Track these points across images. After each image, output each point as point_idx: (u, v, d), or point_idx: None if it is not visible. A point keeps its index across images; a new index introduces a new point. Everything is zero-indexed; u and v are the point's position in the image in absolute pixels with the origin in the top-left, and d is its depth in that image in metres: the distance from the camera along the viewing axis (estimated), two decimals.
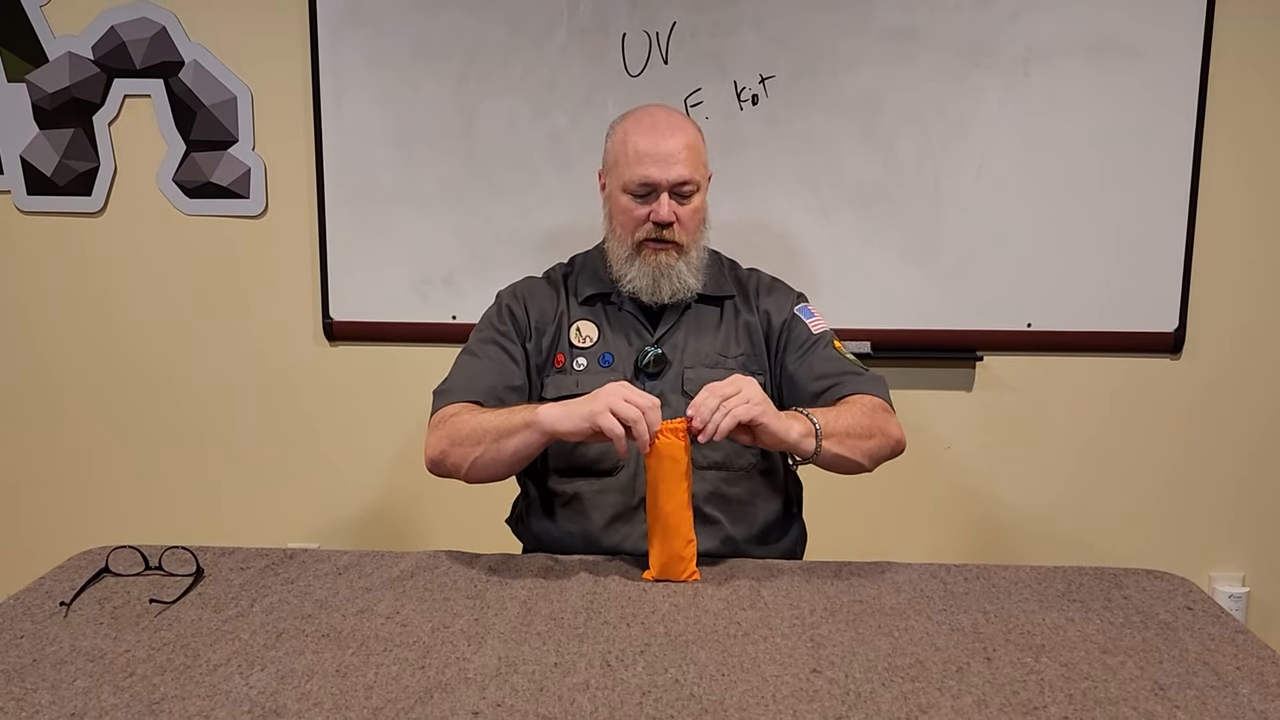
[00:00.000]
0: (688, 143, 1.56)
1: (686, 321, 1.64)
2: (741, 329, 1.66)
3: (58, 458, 2.56)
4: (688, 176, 1.55)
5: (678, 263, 1.59)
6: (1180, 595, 1.33)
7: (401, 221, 2.38)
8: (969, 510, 2.46)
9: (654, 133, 1.55)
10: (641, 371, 1.60)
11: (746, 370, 1.62)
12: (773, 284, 1.73)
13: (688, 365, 1.60)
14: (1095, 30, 2.24)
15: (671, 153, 1.54)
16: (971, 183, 2.30)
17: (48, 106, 2.39)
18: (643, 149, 1.54)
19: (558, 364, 1.63)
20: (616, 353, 1.62)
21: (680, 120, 1.60)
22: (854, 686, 1.06)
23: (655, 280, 1.59)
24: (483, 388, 1.56)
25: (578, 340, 1.63)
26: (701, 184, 1.60)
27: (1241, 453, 2.41)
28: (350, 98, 2.35)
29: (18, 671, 1.09)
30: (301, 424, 2.50)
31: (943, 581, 1.36)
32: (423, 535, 2.49)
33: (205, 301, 2.47)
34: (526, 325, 1.64)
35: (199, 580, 1.35)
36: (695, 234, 1.60)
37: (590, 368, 1.61)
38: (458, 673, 1.09)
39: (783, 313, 1.67)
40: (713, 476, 1.57)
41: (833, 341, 1.66)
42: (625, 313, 1.64)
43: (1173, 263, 2.31)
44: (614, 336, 1.63)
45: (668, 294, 1.60)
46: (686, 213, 1.57)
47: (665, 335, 1.63)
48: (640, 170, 1.54)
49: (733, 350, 1.64)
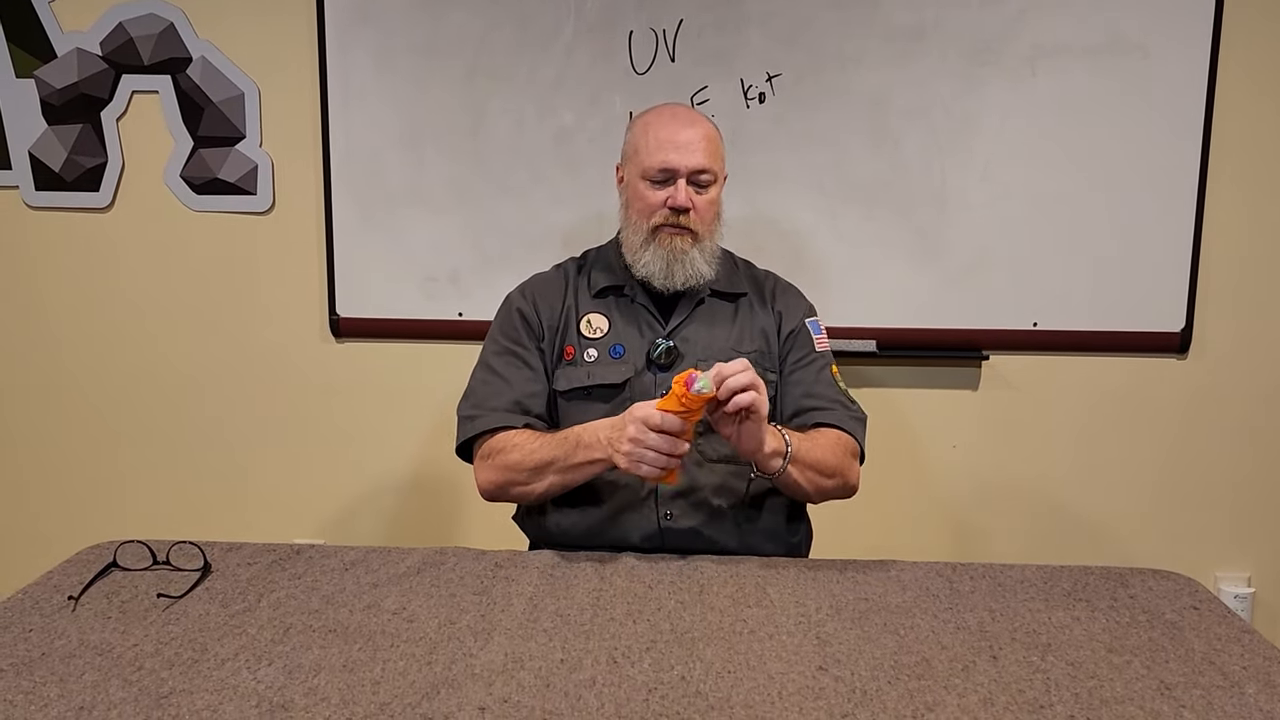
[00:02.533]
0: (707, 134, 1.60)
1: (700, 315, 1.65)
2: (756, 326, 1.67)
3: (64, 452, 2.56)
4: (706, 165, 1.57)
5: (692, 249, 1.60)
6: (1186, 595, 1.33)
7: (408, 219, 2.38)
8: (975, 509, 2.46)
9: (674, 122, 1.59)
10: (653, 363, 1.60)
11: (759, 366, 1.60)
12: (788, 288, 1.75)
13: (700, 359, 1.60)
14: (1102, 29, 2.23)
15: (691, 141, 1.57)
16: (978, 181, 2.30)
17: (56, 102, 2.40)
18: (664, 137, 1.58)
19: (568, 356, 1.63)
20: (628, 344, 1.62)
21: (700, 117, 1.63)
22: (860, 684, 1.06)
23: (669, 264, 1.60)
24: (507, 404, 1.58)
25: (588, 331, 1.63)
26: (719, 177, 1.62)
27: (1247, 453, 2.40)
28: (357, 95, 2.35)
29: (26, 665, 1.09)
30: (308, 420, 2.50)
31: (949, 580, 1.36)
32: (429, 531, 2.49)
33: (212, 297, 2.48)
34: (539, 325, 1.65)
35: (206, 575, 1.35)
36: (710, 224, 1.62)
37: (601, 359, 1.62)
38: (464, 668, 1.09)
39: (793, 319, 1.68)
40: (722, 469, 1.58)
41: (831, 365, 1.67)
42: (638, 304, 1.65)
43: (1179, 262, 2.30)
44: (625, 328, 1.63)
45: (680, 280, 1.60)
46: (703, 202, 1.59)
47: (678, 328, 1.63)
48: (660, 156, 1.57)
49: (746, 346, 1.64)
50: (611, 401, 1.58)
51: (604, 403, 1.59)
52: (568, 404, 1.62)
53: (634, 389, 1.59)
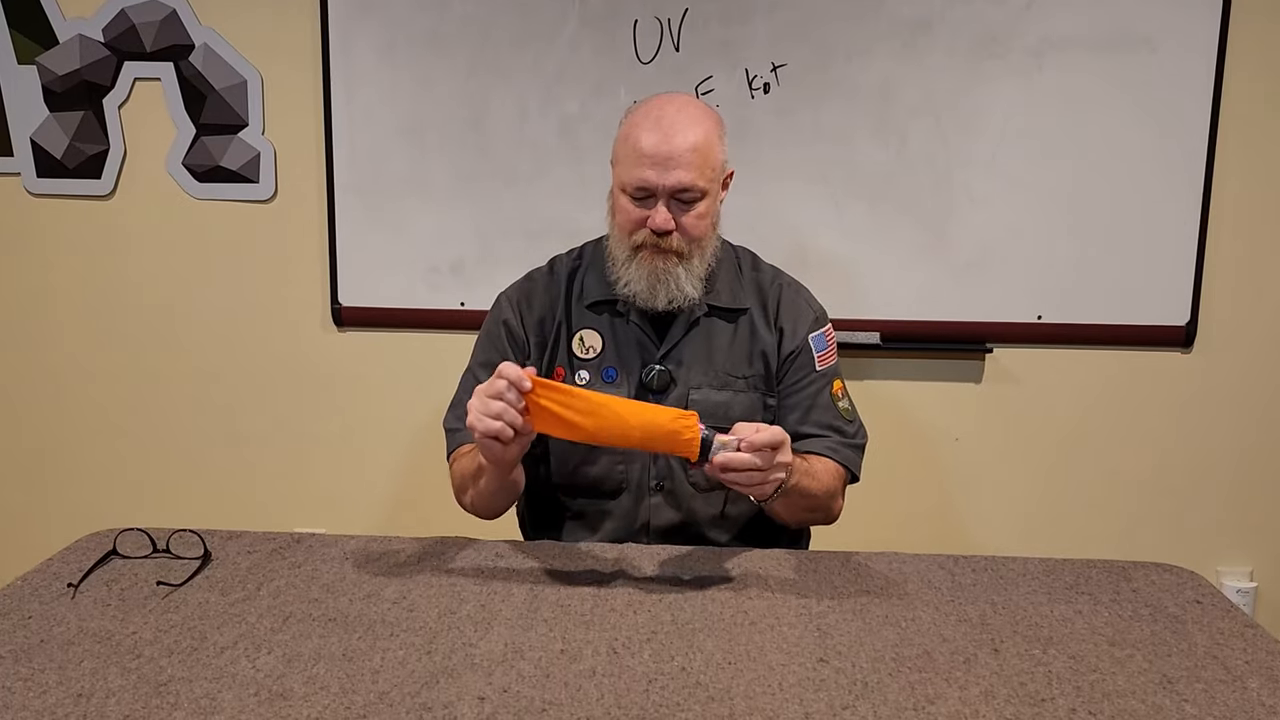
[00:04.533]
0: (695, 144, 1.43)
1: (696, 335, 1.55)
2: (756, 348, 1.57)
3: (65, 440, 2.56)
4: (689, 183, 1.42)
5: (677, 268, 1.47)
6: (1189, 589, 1.32)
7: (411, 208, 2.38)
8: (977, 502, 2.46)
9: (657, 131, 1.43)
10: (645, 388, 1.53)
11: (755, 391, 1.56)
12: (795, 297, 1.61)
13: (694, 385, 1.54)
14: (1109, 22, 2.22)
15: (672, 155, 1.41)
16: (983, 174, 2.29)
17: (58, 89, 2.39)
18: (644, 148, 1.42)
19: (558, 377, 1.55)
20: (621, 366, 1.54)
21: (693, 116, 1.46)
22: (861, 676, 1.06)
23: (652, 285, 1.48)
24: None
25: (580, 351, 1.56)
26: (708, 189, 1.46)
27: (1251, 447, 2.40)
28: (360, 84, 2.34)
29: (25, 652, 1.09)
30: (309, 409, 2.50)
31: (950, 572, 1.36)
32: (430, 520, 2.48)
33: (214, 286, 2.47)
34: (524, 339, 1.58)
35: (206, 563, 1.35)
36: (699, 241, 1.49)
37: (593, 381, 1.54)
38: (464, 658, 1.09)
39: (796, 337, 1.57)
40: (717, 499, 1.55)
41: (833, 383, 1.58)
42: (632, 324, 1.55)
43: (1185, 256, 2.29)
44: (619, 349, 1.55)
45: (664, 300, 1.49)
46: (689, 219, 1.46)
47: (672, 350, 1.54)
48: (638, 173, 1.43)
49: (744, 370, 1.56)
50: None
51: None
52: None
53: None
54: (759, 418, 1.53)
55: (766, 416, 1.56)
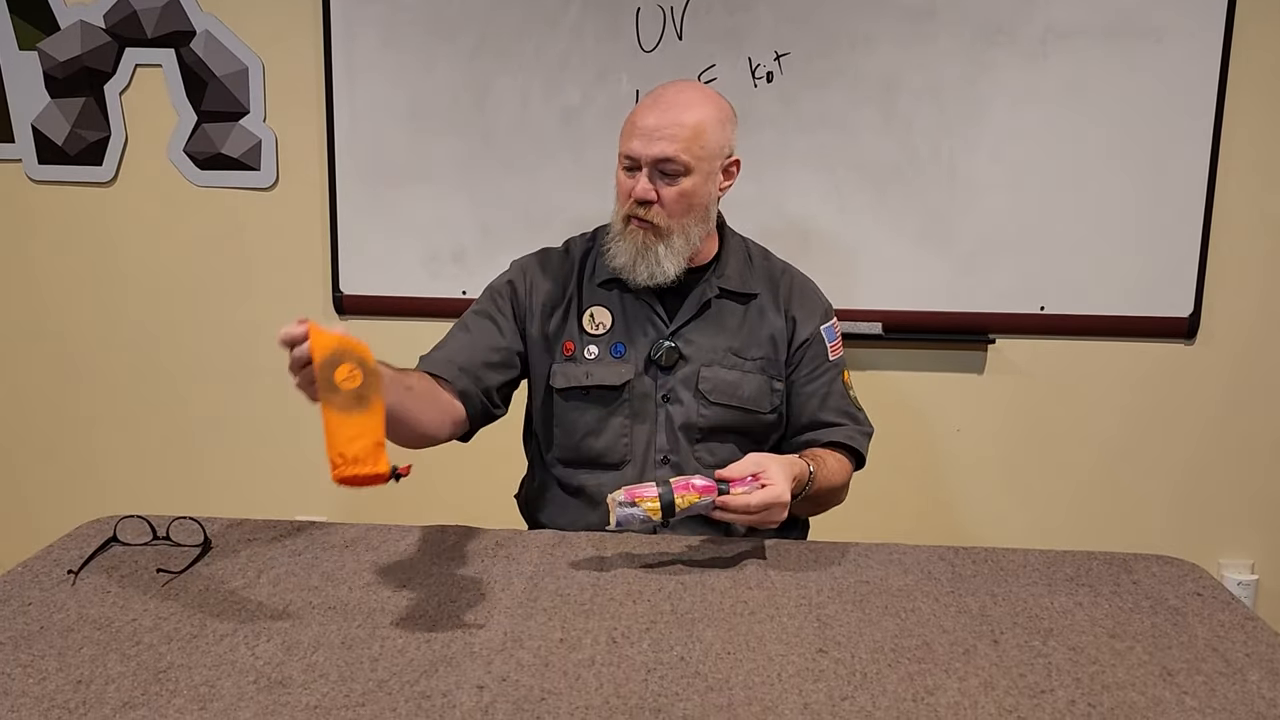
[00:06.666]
0: (684, 120, 1.46)
1: (707, 315, 1.58)
2: (765, 331, 1.59)
3: (66, 427, 2.57)
4: (671, 154, 1.45)
5: (657, 245, 1.50)
6: (1190, 581, 1.32)
7: (412, 196, 2.37)
8: (977, 493, 2.45)
9: (653, 107, 1.48)
10: (654, 364, 1.55)
11: (763, 374, 1.57)
12: (805, 288, 1.65)
13: (703, 363, 1.55)
14: (1115, 11, 2.21)
15: (659, 127, 1.45)
16: (988, 164, 2.28)
17: (59, 75, 2.39)
18: (635, 121, 1.49)
19: (567, 351, 1.58)
20: (630, 342, 1.56)
21: (692, 99, 1.49)
22: (860, 667, 1.06)
23: (634, 259, 1.52)
24: (459, 362, 1.53)
25: (590, 326, 1.58)
26: (693, 165, 1.47)
27: (1254, 440, 2.39)
28: (362, 71, 2.33)
29: (25, 639, 1.09)
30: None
31: (950, 563, 1.36)
32: (430, 510, 2.49)
33: (215, 273, 2.47)
34: (527, 305, 1.60)
35: (206, 551, 1.35)
36: (680, 217, 1.50)
37: (602, 357, 1.56)
38: (463, 646, 1.09)
39: (808, 327, 1.61)
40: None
41: (843, 373, 1.64)
42: (642, 301, 1.57)
43: (1189, 248, 2.28)
44: (629, 325, 1.57)
45: (644, 275, 1.52)
46: (671, 194, 1.48)
47: (682, 328, 1.57)
48: (626, 143, 1.49)
49: (753, 352, 1.58)
50: (609, 405, 1.55)
51: (601, 406, 1.55)
52: (564, 404, 1.57)
53: (633, 391, 1.55)
54: (767, 401, 1.57)
55: (774, 400, 1.58)
